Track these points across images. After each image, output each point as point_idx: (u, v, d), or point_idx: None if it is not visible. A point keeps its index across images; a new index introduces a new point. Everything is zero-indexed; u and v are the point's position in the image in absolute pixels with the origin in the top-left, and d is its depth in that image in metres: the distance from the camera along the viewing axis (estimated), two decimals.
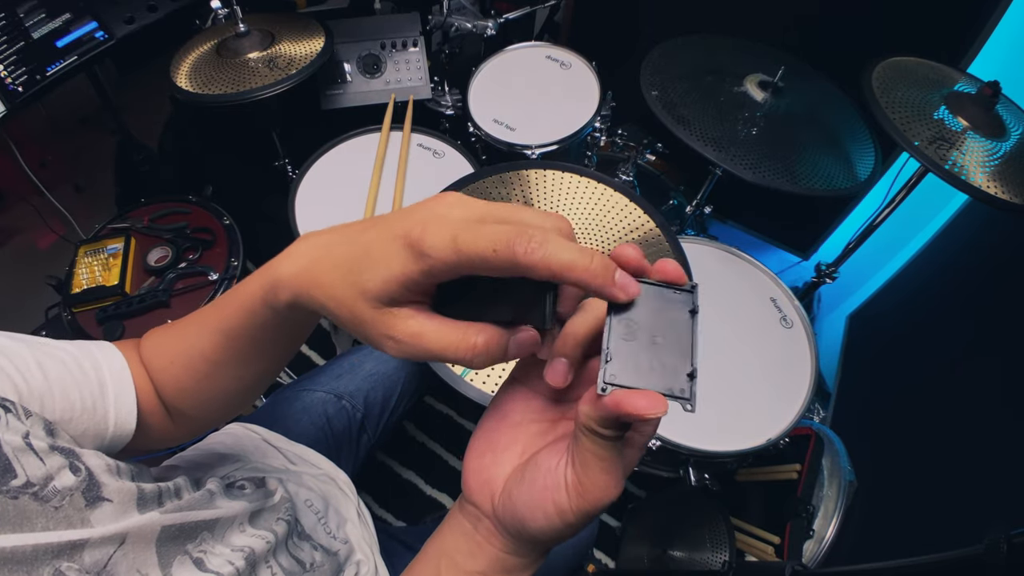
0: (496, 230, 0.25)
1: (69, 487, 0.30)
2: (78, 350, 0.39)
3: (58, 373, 0.36)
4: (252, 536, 0.44)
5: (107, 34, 1.03)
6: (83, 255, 1.01)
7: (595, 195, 0.92)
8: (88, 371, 0.38)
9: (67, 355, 0.38)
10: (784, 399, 0.87)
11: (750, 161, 0.89)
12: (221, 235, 1.07)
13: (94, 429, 0.37)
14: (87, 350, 0.40)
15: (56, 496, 0.29)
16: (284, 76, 1.03)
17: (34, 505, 0.28)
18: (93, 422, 0.37)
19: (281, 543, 0.47)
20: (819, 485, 1.03)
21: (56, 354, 0.37)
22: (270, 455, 0.64)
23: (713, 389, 0.87)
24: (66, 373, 0.37)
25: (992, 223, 1.10)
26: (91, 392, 0.38)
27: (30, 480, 0.29)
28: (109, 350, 0.41)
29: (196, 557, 0.37)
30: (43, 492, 0.29)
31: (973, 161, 0.82)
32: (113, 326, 0.95)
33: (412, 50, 1.31)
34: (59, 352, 0.38)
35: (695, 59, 1.06)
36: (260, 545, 0.43)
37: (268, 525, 0.46)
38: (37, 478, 0.29)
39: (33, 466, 0.29)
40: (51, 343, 0.39)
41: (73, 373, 0.37)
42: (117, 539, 0.32)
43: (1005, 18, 1.04)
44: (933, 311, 1.20)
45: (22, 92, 0.94)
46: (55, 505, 0.29)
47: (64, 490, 0.30)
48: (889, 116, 0.84)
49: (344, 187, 1.06)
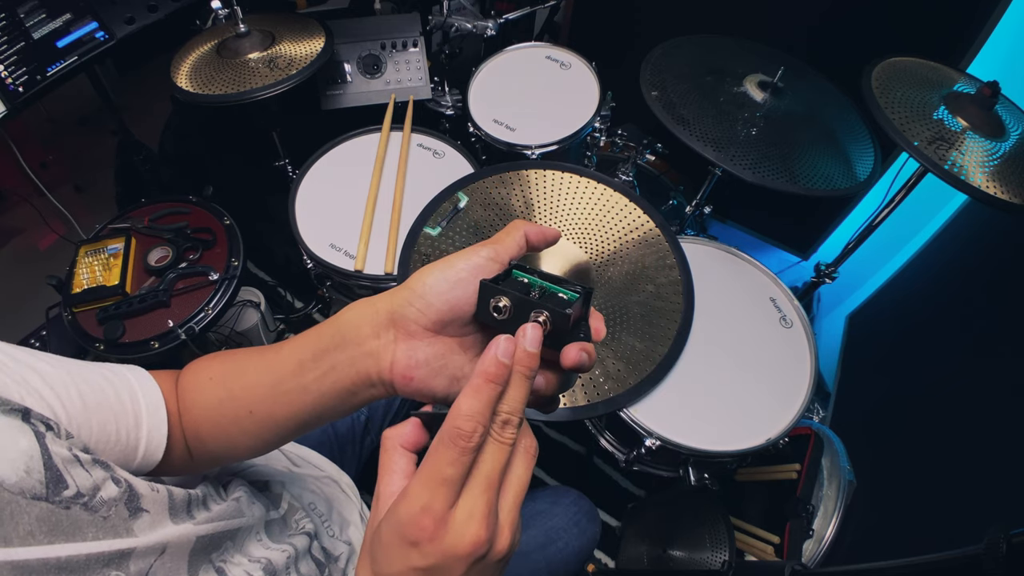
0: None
1: (114, 498, 0.31)
2: (117, 379, 0.39)
3: (97, 402, 0.36)
4: (269, 549, 0.44)
5: (107, 34, 1.03)
6: (84, 255, 1.01)
7: (595, 195, 0.92)
8: (126, 403, 0.38)
9: (107, 383, 0.38)
10: (784, 399, 0.87)
11: (750, 161, 0.90)
12: (221, 235, 1.07)
13: (123, 458, 0.38)
14: (125, 380, 0.40)
15: (104, 506, 0.30)
16: (284, 76, 1.03)
17: (85, 515, 0.29)
18: (123, 452, 0.38)
19: (304, 553, 0.48)
20: (819, 485, 1.03)
21: (95, 381, 0.37)
22: (273, 457, 0.64)
23: (713, 389, 0.87)
24: (105, 404, 0.37)
25: (991, 223, 1.10)
26: (126, 425, 0.38)
27: (80, 491, 0.29)
28: (147, 381, 0.41)
29: (218, 566, 0.38)
30: (92, 502, 0.30)
31: (972, 161, 0.82)
32: (113, 326, 0.95)
33: (412, 50, 1.31)
34: (99, 379, 0.38)
35: (695, 59, 1.06)
36: (279, 558, 0.44)
37: (284, 538, 0.47)
38: (86, 488, 0.30)
39: (81, 477, 0.30)
40: (90, 368, 0.39)
41: (111, 404, 0.37)
42: (158, 549, 0.33)
43: (1004, 18, 1.04)
44: (932, 311, 1.20)
45: (22, 92, 0.94)
46: (103, 515, 0.30)
47: (110, 500, 0.31)
48: (889, 116, 0.84)
49: (344, 187, 1.06)
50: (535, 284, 0.35)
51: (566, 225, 0.90)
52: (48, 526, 0.27)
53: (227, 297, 1.01)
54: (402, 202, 1.04)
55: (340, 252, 0.99)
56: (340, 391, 0.37)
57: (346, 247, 0.99)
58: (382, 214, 1.02)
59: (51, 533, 0.27)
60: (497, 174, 0.93)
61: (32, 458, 0.28)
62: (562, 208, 0.91)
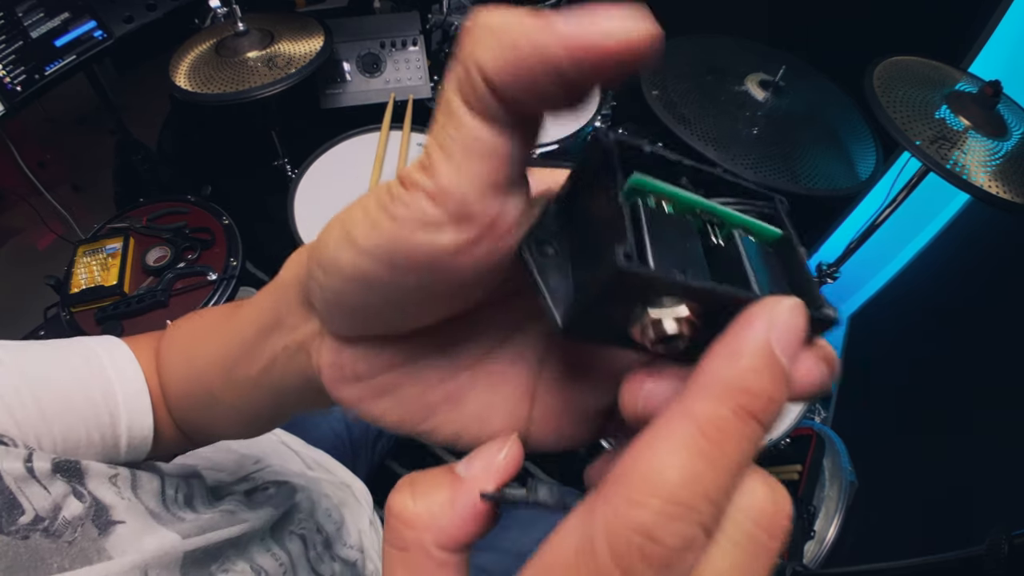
0: None
1: (79, 516, 0.27)
2: (87, 368, 0.33)
3: (59, 410, 0.31)
4: (267, 556, 0.41)
5: (106, 33, 1.03)
6: (82, 255, 1.01)
7: None
8: (97, 402, 0.32)
9: (73, 379, 0.32)
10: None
11: (751, 160, 0.89)
12: (220, 235, 1.07)
13: (103, 456, 0.33)
14: (98, 367, 0.34)
15: (67, 529, 0.26)
16: (283, 75, 1.02)
17: (47, 543, 0.25)
18: (101, 452, 0.33)
19: (300, 560, 0.44)
20: (820, 486, 1.03)
21: (59, 381, 0.32)
22: (288, 458, 0.62)
23: None
24: (69, 409, 0.31)
25: (993, 223, 1.10)
26: (99, 425, 0.32)
27: (39, 514, 0.25)
28: (125, 363, 0.35)
29: None
30: (53, 526, 0.26)
31: (975, 161, 0.82)
32: (112, 326, 0.94)
33: (412, 49, 1.30)
34: (64, 377, 0.32)
35: (696, 58, 1.06)
36: (273, 567, 0.40)
37: (283, 543, 0.44)
38: (45, 510, 0.26)
39: (38, 497, 0.26)
40: (54, 361, 0.33)
41: (78, 408, 0.32)
42: (139, 569, 0.28)
43: (1006, 17, 1.04)
44: (934, 311, 1.20)
45: (20, 92, 0.94)
46: (68, 540, 0.26)
47: (75, 520, 0.27)
48: (890, 115, 0.84)
49: (343, 186, 1.06)
50: (691, 207, 0.16)
51: None
52: (4, 563, 0.23)
53: (225, 297, 1.01)
54: None
55: None
56: (296, 390, 0.25)
57: None
58: None
59: (9, 571, 0.23)
60: None
61: None
62: None
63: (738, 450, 0.13)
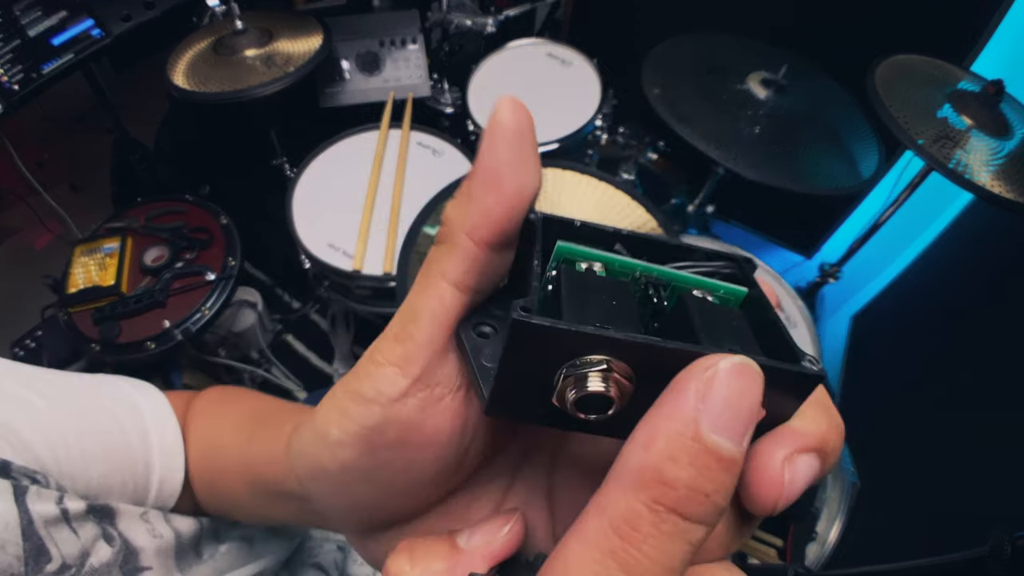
0: None
1: (107, 563, 0.26)
2: (127, 414, 0.33)
3: (99, 452, 0.30)
4: None
5: (103, 32, 1.02)
6: (79, 255, 1.01)
7: (595, 193, 0.91)
8: (135, 449, 0.32)
9: (114, 423, 0.32)
10: None
11: (752, 159, 0.89)
12: (218, 234, 1.06)
13: (132, 501, 0.32)
14: (137, 415, 0.33)
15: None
16: (282, 74, 1.02)
17: None
18: (131, 498, 0.32)
19: None
20: (822, 487, 1.02)
21: (100, 422, 0.31)
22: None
23: None
24: (110, 454, 0.31)
25: (996, 222, 1.09)
26: (134, 474, 0.32)
27: (66, 562, 0.25)
28: (163, 416, 0.34)
29: None
30: (80, 574, 0.25)
31: (977, 160, 0.81)
32: (109, 326, 0.94)
33: (411, 47, 1.30)
34: (105, 419, 0.32)
35: (697, 57, 1.05)
36: None
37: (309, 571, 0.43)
38: (73, 557, 0.25)
39: (68, 543, 0.25)
40: (95, 398, 0.32)
41: (117, 455, 0.31)
42: None
43: (1009, 16, 1.03)
44: (937, 311, 1.19)
45: (18, 91, 0.93)
46: None
47: (102, 568, 0.26)
48: (893, 114, 0.83)
49: (342, 186, 1.05)
50: (628, 270, 0.16)
51: None
52: None
53: (224, 297, 1.00)
54: (401, 201, 1.03)
55: (339, 252, 0.98)
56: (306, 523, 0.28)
57: (344, 247, 0.98)
58: (381, 213, 1.01)
59: None
60: None
61: (8, 527, 0.23)
62: (562, 206, 0.90)
63: (662, 552, 0.11)
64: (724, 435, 0.11)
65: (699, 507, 0.11)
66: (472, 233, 0.15)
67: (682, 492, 0.11)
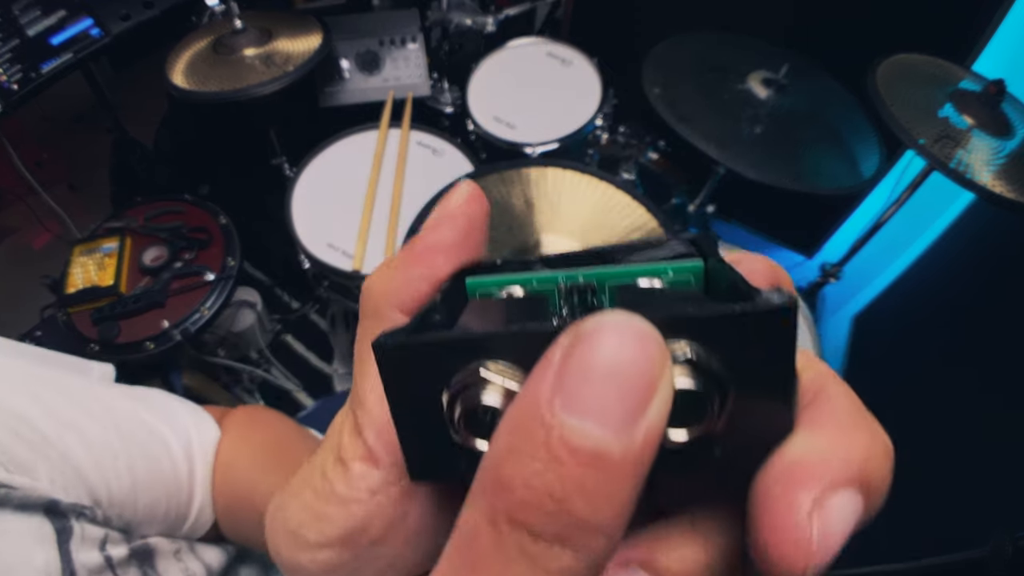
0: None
1: None
2: (175, 439, 0.32)
3: (149, 480, 0.30)
4: None
5: (103, 31, 1.02)
6: (78, 255, 1.00)
7: (596, 193, 0.91)
8: (181, 476, 0.32)
9: (163, 448, 0.31)
10: None
11: (753, 159, 0.88)
12: (217, 234, 1.06)
13: (165, 530, 0.32)
14: (185, 439, 0.33)
15: None
16: (281, 73, 1.01)
17: None
18: (168, 526, 0.32)
19: None
20: None
21: (151, 447, 0.31)
22: None
23: None
24: (158, 481, 0.31)
25: (997, 222, 1.09)
26: (177, 503, 0.32)
27: None
28: (209, 442, 0.34)
29: None
30: None
31: (979, 160, 0.81)
32: (108, 326, 0.94)
33: (411, 47, 1.29)
34: (155, 444, 0.31)
35: (698, 56, 1.05)
36: None
37: None
38: None
39: None
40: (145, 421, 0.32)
41: (165, 482, 0.31)
42: None
43: (1010, 15, 1.03)
44: (938, 312, 1.19)
45: (17, 90, 0.93)
46: None
47: None
48: (894, 114, 0.83)
49: (342, 185, 1.05)
50: (550, 284, 0.15)
51: (567, 224, 0.88)
52: None
53: (223, 297, 1.00)
54: (401, 200, 1.02)
55: (338, 251, 0.97)
56: None
57: (344, 246, 0.98)
58: (380, 213, 1.01)
59: None
60: (497, 172, 0.92)
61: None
62: (562, 206, 0.90)
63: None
64: (587, 417, 0.08)
65: (545, 516, 0.08)
66: (403, 307, 0.14)
67: (519, 493, 0.08)
